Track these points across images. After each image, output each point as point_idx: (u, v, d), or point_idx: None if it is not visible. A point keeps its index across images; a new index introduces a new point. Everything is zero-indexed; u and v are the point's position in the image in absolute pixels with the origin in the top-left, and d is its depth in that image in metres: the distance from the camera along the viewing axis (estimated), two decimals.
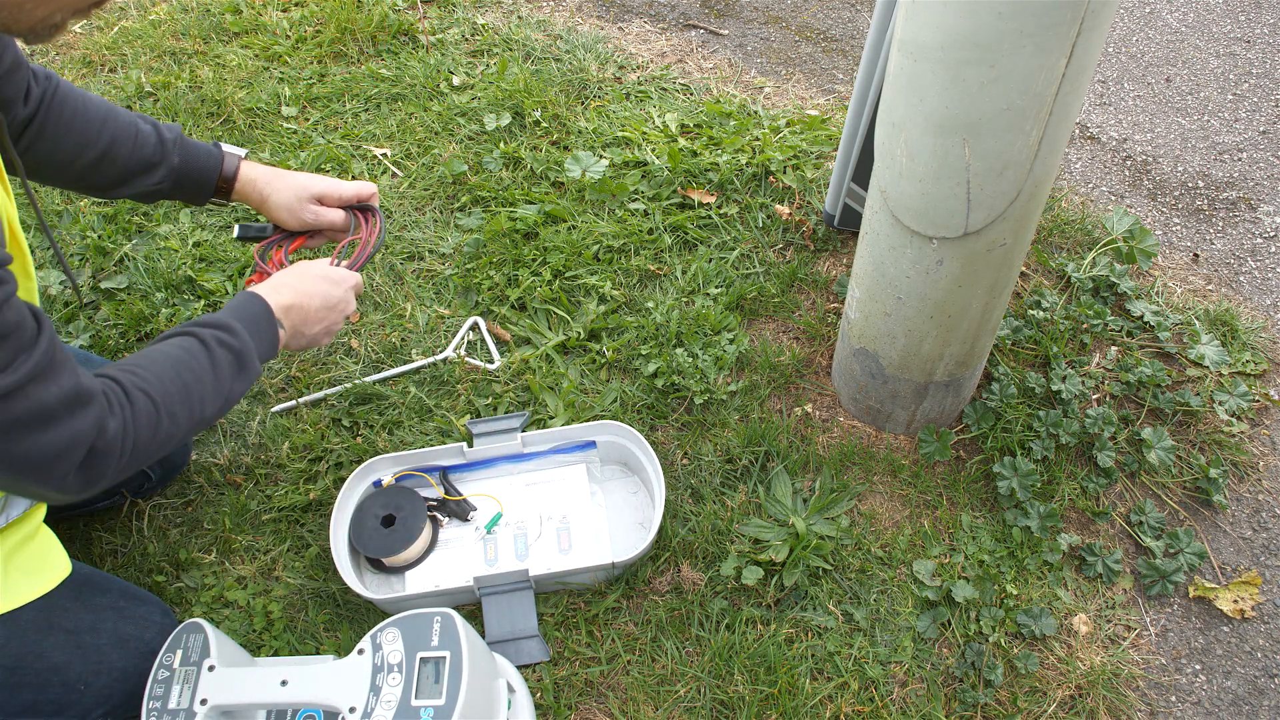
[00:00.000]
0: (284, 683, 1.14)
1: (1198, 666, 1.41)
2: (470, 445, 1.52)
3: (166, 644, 1.19)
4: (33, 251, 1.93)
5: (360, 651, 1.15)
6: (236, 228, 1.70)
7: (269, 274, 1.71)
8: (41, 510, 1.16)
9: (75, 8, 0.91)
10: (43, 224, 1.19)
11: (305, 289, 1.25)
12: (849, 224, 1.85)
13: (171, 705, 1.13)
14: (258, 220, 1.86)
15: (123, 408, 1.00)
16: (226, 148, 1.41)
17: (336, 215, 1.43)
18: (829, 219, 1.88)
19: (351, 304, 1.32)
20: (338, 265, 1.34)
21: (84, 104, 1.29)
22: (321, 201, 1.42)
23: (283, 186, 1.40)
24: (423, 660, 1.13)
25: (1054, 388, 1.61)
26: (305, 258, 1.80)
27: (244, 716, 1.17)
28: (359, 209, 1.45)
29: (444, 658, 1.13)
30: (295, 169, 2.05)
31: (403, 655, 1.13)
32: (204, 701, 1.13)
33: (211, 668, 1.16)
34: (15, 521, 1.12)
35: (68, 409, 0.93)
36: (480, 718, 1.14)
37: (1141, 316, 1.77)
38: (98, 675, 1.17)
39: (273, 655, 1.35)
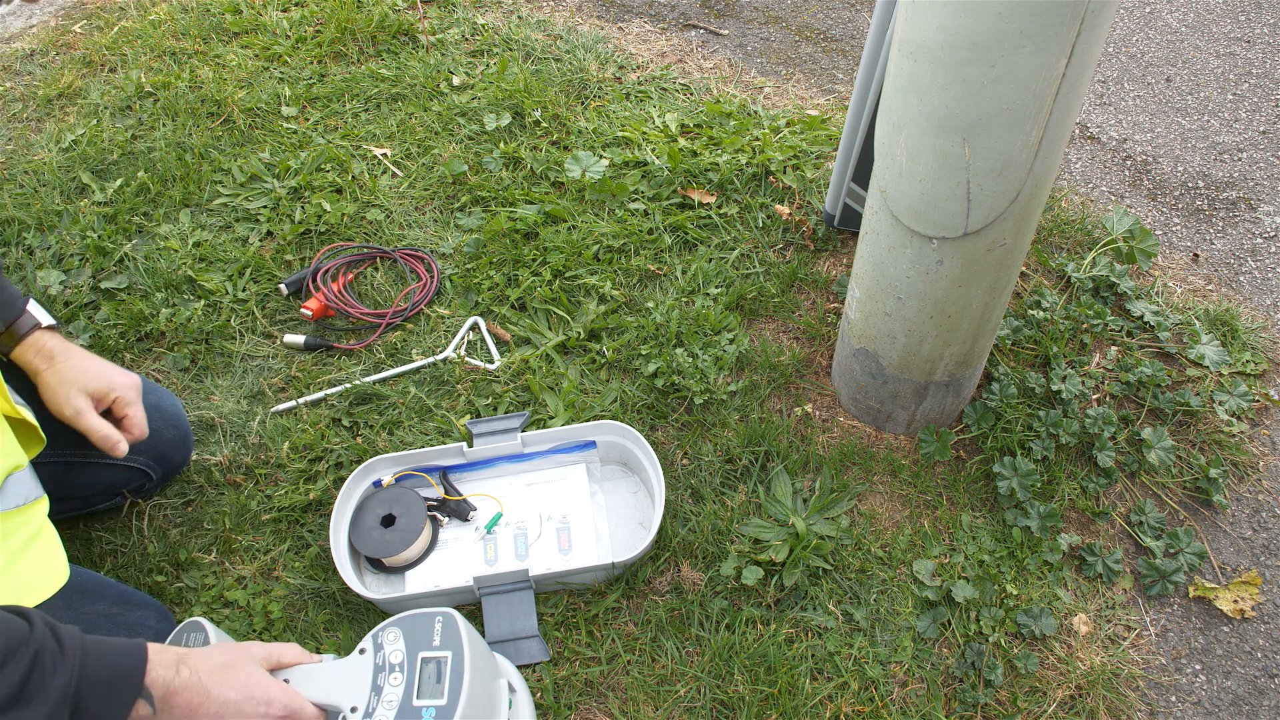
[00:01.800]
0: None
1: (1198, 666, 1.41)
2: (470, 445, 1.52)
3: (168, 641, 1.18)
4: (32, 252, 1.93)
5: (361, 651, 1.14)
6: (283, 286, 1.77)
7: (324, 298, 1.70)
8: (43, 505, 1.15)
9: None
10: None
11: (208, 684, 0.99)
12: (849, 224, 1.85)
13: None
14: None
15: None
16: (36, 309, 1.28)
17: (95, 424, 1.25)
18: (829, 219, 1.88)
19: (273, 708, 1.04)
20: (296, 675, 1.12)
21: None
22: (96, 402, 1.26)
23: (65, 368, 1.25)
24: (424, 660, 1.12)
25: (1054, 388, 1.61)
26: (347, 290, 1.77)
27: None
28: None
29: (445, 658, 1.12)
30: (295, 169, 2.05)
31: (404, 655, 1.13)
32: None
33: None
34: (16, 512, 1.10)
35: None
36: (482, 718, 1.14)
37: (1141, 316, 1.77)
38: None
39: None
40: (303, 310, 1.77)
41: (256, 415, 1.65)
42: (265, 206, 2.00)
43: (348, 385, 1.67)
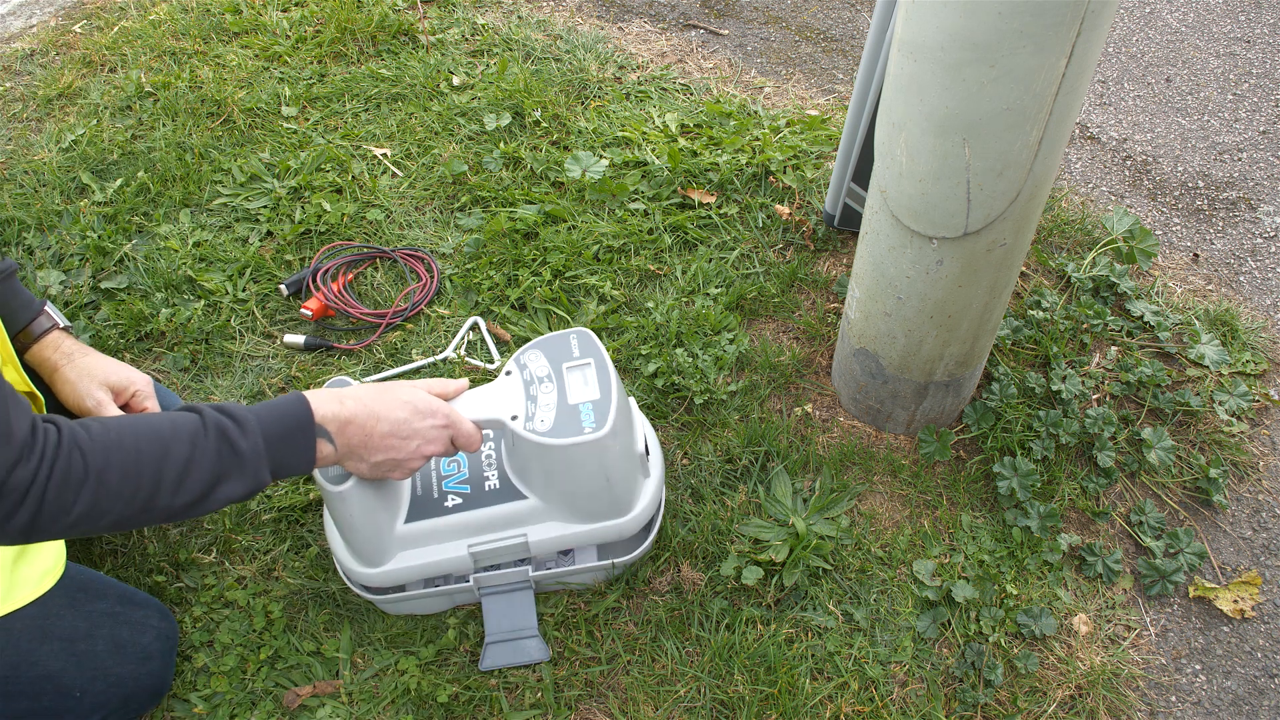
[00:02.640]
0: None
1: (1198, 666, 1.41)
2: None
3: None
4: (32, 252, 1.93)
5: (508, 373, 1.23)
6: (283, 287, 1.78)
7: (324, 298, 1.73)
8: None
9: None
10: None
11: (375, 408, 1.07)
12: (849, 224, 1.85)
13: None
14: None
15: (44, 459, 0.88)
16: (53, 310, 1.31)
17: (117, 415, 1.28)
18: (829, 219, 1.88)
19: (434, 444, 1.12)
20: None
21: None
22: (115, 395, 1.29)
23: (84, 364, 1.28)
24: (569, 368, 1.23)
25: (1054, 388, 1.61)
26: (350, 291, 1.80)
27: (392, 492, 1.25)
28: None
29: (589, 363, 1.23)
30: (295, 169, 2.05)
31: (549, 368, 1.23)
32: None
33: None
34: None
35: None
36: (626, 421, 1.24)
37: (1141, 316, 1.77)
38: (93, 682, 1.16)
39: (272, 655, 1.36)
40: (303, 310, 1.77)
41: None
42: (265, 206, 2.00)
43: (347, 382, 1.67)
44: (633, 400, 1.35)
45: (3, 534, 0.88)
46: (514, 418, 1.18)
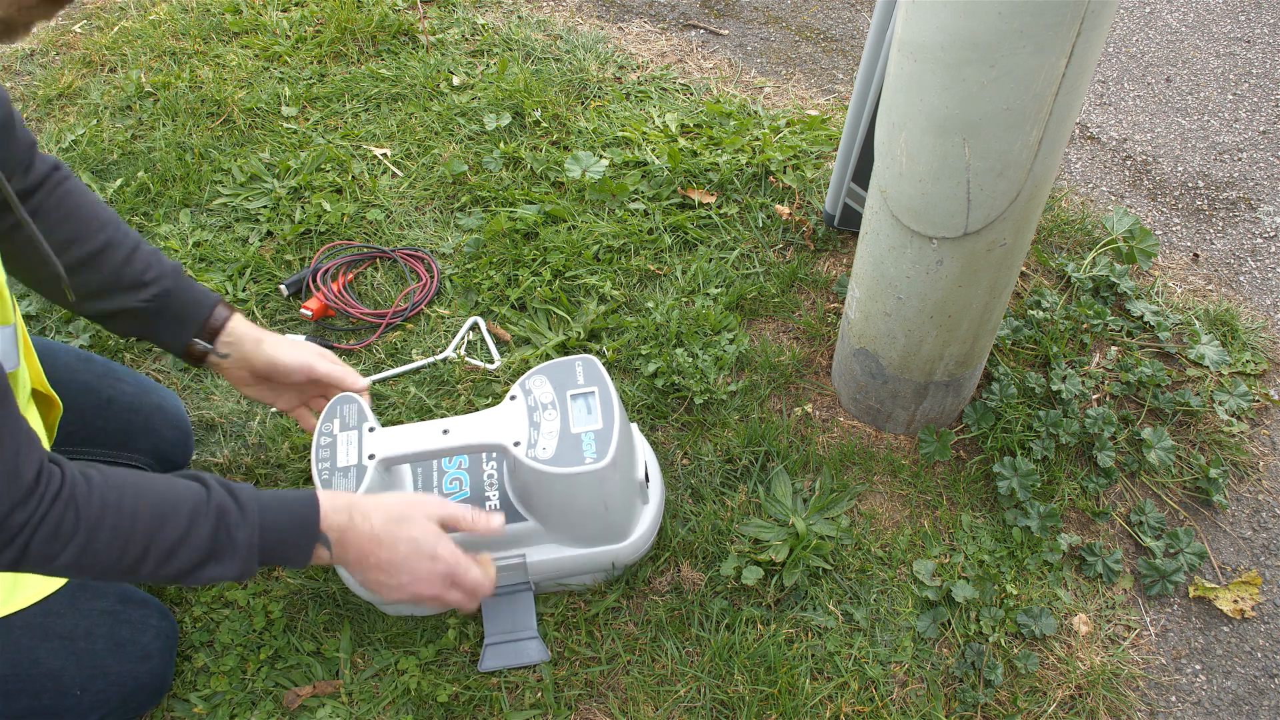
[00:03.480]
0: (445, 432, 1.22)
1: (1198, 666, 1.41)
2: None
3: (324, 414, 1.26)
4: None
5: (512, 398, 1.25)
6: (283, 287, 1.78)
7: (324, 298, 1.74)
8: None
9: (20, 3, 0.81)
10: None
11: (379, 533, 1.06)
12: (849, 224, 1.85)
13: (341, 463, 1.20)
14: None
15: (39, 505, 0.88)
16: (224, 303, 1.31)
17: (335, 370, 1.32)
18: (829, 219, 1.88)
19: (429, 587, 1.09)
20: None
21: (89, 199, 1.20)
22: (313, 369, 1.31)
23: (279, 338, 1.32)
24: (573, 396, 1.24)
25: (1054, 388, 1.61)
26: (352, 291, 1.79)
27: (396, 474, 1.29)
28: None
29: (593, 391, 1.25)
30: (295, 169, 2.05)
31: (554, 394, 1.24)
32: (371, 456, 1.20)
33: (371, 429, 1.23)
34: None
35: None
36: (628, 453, 1.26)
37: (1141, 316, 1.77)
38: (93, 680, 1.16)
39: (272, 655, 1.35)
40: (302, 310, 1.77)
41: (256, 415, 1.65)
42: (265, 206, 2.00)
43: None
44: (635, 426, 1.36)
45: None
46: (516, 444, 1.19)
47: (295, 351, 1.30)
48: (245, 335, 1.29)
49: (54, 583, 1.15)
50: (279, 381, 1.33)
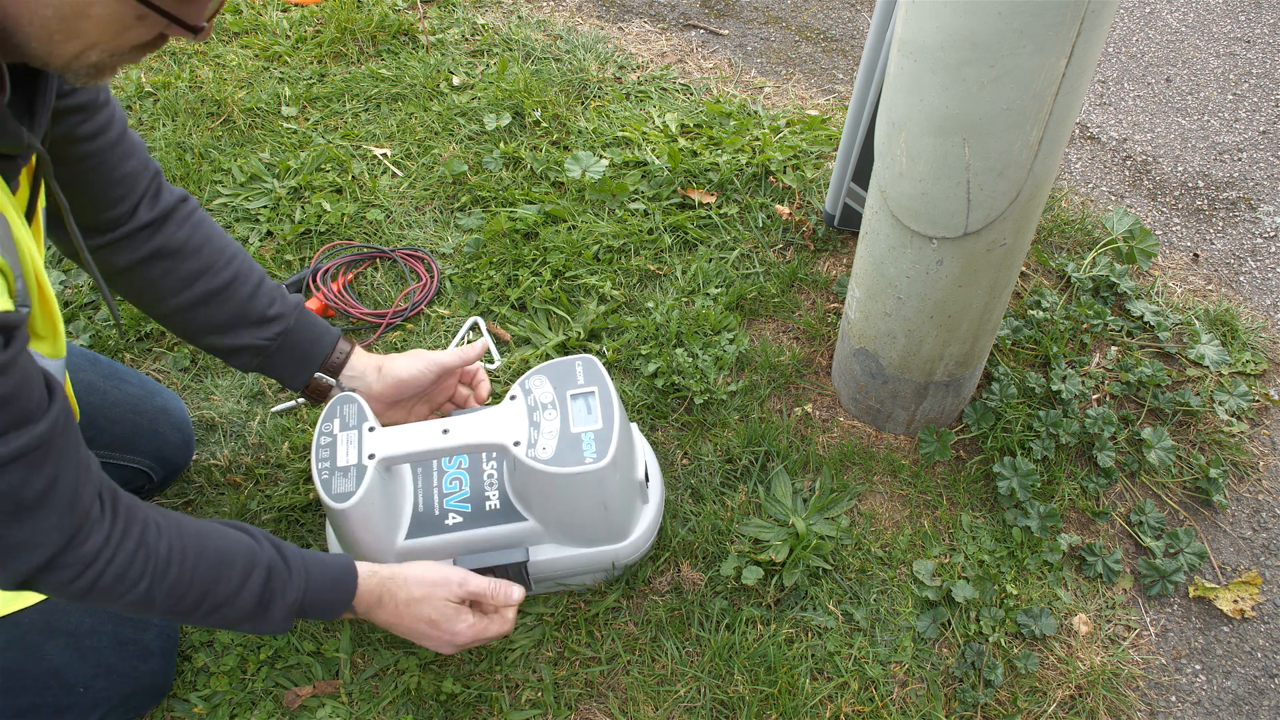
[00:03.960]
0: (445, 431, 1.21)
1: (1198, 666, 1.41)
2: None
3: (324, 414, 1.25)
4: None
5: (512, 398, 1.25)
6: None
7: (324, 298, 1.75)
8: None
9: (113, 49, 0.81)
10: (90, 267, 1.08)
11: (413, 612, 1.14)
12: (849, 224, 1.85)
13: (341, 463, 1.19)
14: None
15: (108, 541, 0.91)
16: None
17: (456, 354, 1.35)
18: (829, 219, 1.88)
19: (445, 649, 1.20)
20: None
21: (217, 231, 1.21)
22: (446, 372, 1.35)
23: (395, 356, 1.34)
24: (573, 396, 1.24)
25: (1054, 388, 1.61)
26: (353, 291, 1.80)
27: (396, 474, 1.28)
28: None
29: (593, 391, 1.25)
30: (295, 169, 2.06)
31: (554, 394, 1.24)
32: (371, 456, 1.19)
33: (371, 429, 1.22)
34: None
35: (43, 508, 0.84)
36: (628, 452, 1.26)
37: (1141, 316, 1.77)
38: (96, 678, 1.17)
39: (272, 655, 1.35)
40: None
41: (256, 415, 1.65)
42: (265, 206, 2.00)
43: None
44: (635, 427, 1.36)
45: (60, 594, 0.92)
46: (516, 443, 1.20)
47: (412, 359, 1.32)
48: (366, 367, 1.31)
49: None
50: (406, 397, 1.34)
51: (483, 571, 1.24)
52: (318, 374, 1.29)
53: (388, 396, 1.32)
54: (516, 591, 1.22)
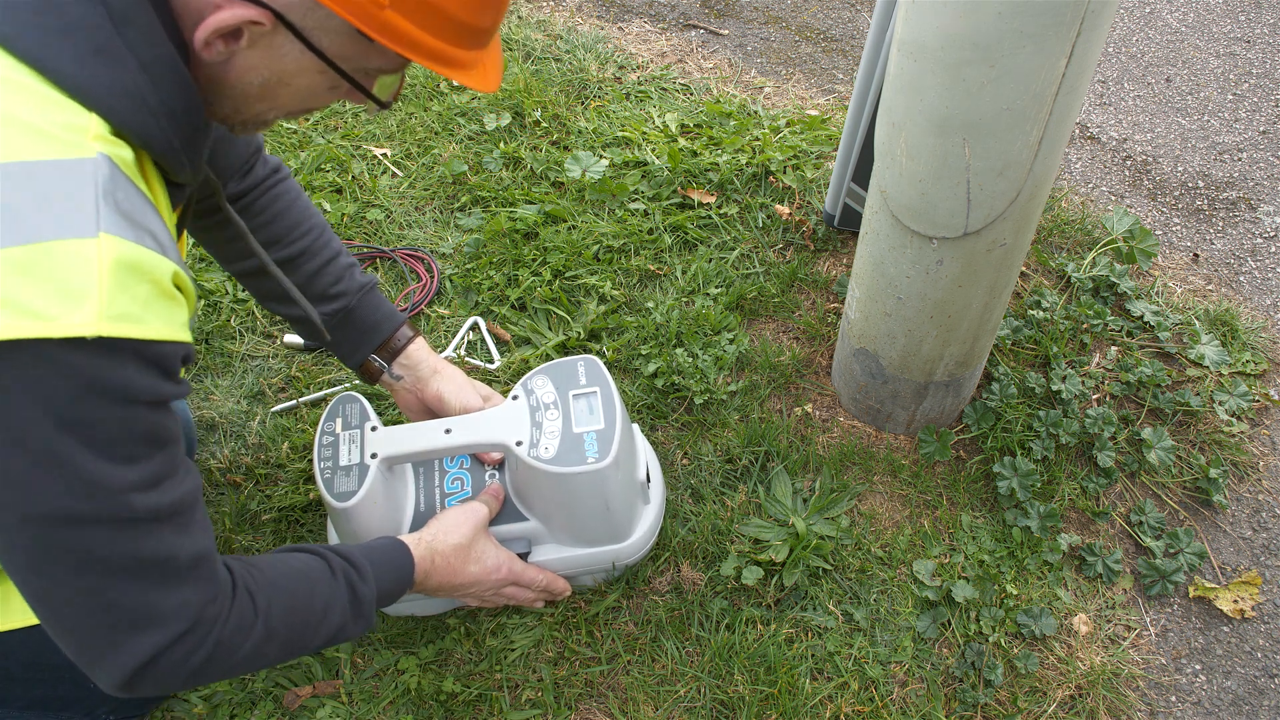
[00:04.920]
0: (448, 431, 1.22)
1: (1198, 666, 1.41)
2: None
3: (325, 413, 1.26)
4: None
5: (514, 398, 1.25)
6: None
7: None
8: None
9: (291, 111, 0.87)
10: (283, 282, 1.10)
11: (461, 560, 1.17)
12: (849, 224, 1.85)
13: (343, 462, 1.20)
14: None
15: (219, 595, 0.84)
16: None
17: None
18: (829, 219, 1.88)
19: (499, 598, 1.25)
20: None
21: (299, 205, 1.24)
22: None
23: (454, 372, 1.34)
24: (575, 396, 1.24)
25: (1054, 388, 1.61)
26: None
27: (398, 473, 1.28)
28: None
29: (595, 392, 1.25)
30: (295, 169, 2.05)
31: (556, 395, 1.25)
32: (374, 455, 1.20)
33: (374, 428, 1.23)
34: None
35: (193, 574, 0.80)
36: (630, 452, 1.26)
37: (1141, 316, 1.77)
38: None
39: None
40: None
41: (256, 415, 1.65)
42: None
43: (347, 385, 1.67)
44: (636, 427, 1.36)
45: (172, 677, 0.82)
46: (519, 443, 1.20)
47: (460, 394, 1.32)
48: (422, 362, 1.32)
49: None
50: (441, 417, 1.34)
51: None
52: (372, 355, 1.31)
53: (428, 402, 1.33)
54: (560, 583, 1.29)
